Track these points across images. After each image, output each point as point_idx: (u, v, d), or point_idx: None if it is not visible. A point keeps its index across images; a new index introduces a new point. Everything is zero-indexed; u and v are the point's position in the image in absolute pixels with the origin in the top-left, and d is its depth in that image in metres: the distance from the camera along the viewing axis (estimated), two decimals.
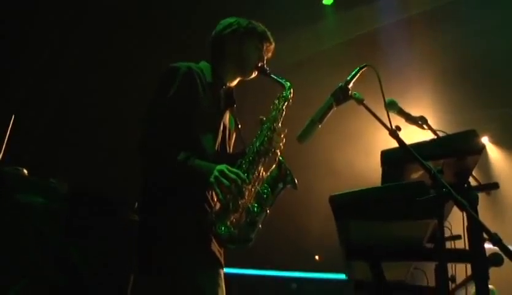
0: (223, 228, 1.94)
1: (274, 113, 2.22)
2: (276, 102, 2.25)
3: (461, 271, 2.08)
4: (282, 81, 2.28)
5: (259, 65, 2.31)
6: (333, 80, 2.03)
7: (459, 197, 1.47)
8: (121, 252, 3.03)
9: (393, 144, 1.75)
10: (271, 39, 2.38)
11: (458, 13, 5.39)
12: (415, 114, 2.40)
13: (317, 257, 6.22)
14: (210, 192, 2.07)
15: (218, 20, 2.43)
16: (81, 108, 5.21)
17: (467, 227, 1.76)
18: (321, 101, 1.97)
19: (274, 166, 2.15)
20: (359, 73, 1.97)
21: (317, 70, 5.81)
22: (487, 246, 1.68)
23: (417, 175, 1.92)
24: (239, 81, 2.40)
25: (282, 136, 2.20)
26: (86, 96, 5.23)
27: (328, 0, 5.84)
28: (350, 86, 1.94)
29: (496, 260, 1.64)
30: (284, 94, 2.26)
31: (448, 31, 5.58)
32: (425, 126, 2.35)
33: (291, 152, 2.33)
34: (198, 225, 1.97)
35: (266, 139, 2.14)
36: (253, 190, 2.05)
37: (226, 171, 1.93)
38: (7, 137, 3.27)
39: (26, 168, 2.97)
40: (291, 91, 2.27)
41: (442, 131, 2.28)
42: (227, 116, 2.32)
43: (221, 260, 2.06)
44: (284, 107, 2.25)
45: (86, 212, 3.08)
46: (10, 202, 2.75)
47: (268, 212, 2.07)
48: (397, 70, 5.39)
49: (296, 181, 2.13)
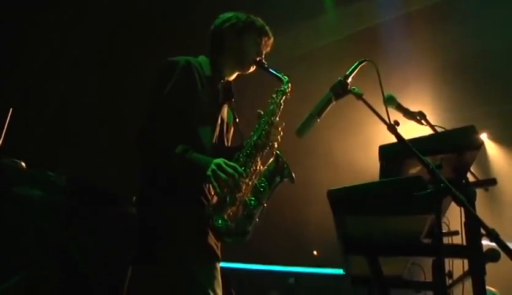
0: (220, 221, 1.95)
1: (271, 107, 2.22)
2: (274, 96, 2.25)
3: (458, 266, 2.09)
4: (280, 75, 2.28)
5: (257, 59, 2.32)
6: (332, 75, 2.03)
7: (457, 192, 1.47)
8: (119, 245, 3.03)
9: (393, 137, 1.75)
10: (270, 34, 2.38)
11: (458, 10, 5.37)
12: (414, 109, 2.40)
13: (315, 253, 6.23)
14: (207, 186, 2.07)
15: (218, 15, 2.43)
16: (81, 107, 5.22)
17: (464, 222, 1.76)
18: (321, 96, 1.97)
19: (271, 160, 2.15)
20: (358, 67, 1.96)
21: (317, 65, 5.80)
22: (485, 242, 1.69)
23: (415, 170, 1.92)
24: (238, 75, 2.40)
25: (279, 130, 2.20)
26: (86, 96, 5.24)
27: None
28: (349, 81, 1.94)
29: (493, 256, 1.64)
30: (282, 88, 2.26)
31: (448, 27, 5.57)
32: (423, 121, 2.34)
33: (290, 145, 2.33)
34: (195, 218, 1.98)
35: (263, 132, 2.15)
36: (250, 183, 2.05)
37: (224, 164, 1.93)
38: (4, 131, 3.26)
39: (24, 161, 2.96)
40: (289, 85, 2.27)
41: (441, 127, 2.28)
42: (225, 110, 2.32)
43: (218, 254, 2.07)
44: (282, 101, 2.25)
45: (84, 204, 3.08)
46: (8, 194, 2.75)
47: (265, 205, 2.07)
48: (396, 66, 5.37)
49: (293, 175, 2.13)
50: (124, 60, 5.30)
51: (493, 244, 1.49)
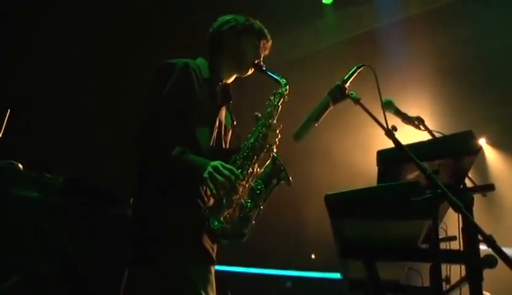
0: (216, 223, 1.94)
1: (269, 109, 2.22)
2: (272, 98, 2.25)
3: (456, 271, 2.08)
4: (278, 78, 2.27)
5: (255, 62, 2.31)
6: (332, 78, 2.03)
7: (454, 198, 1.46)
8: (118, 245, 3.02)
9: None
10: (268, 36, 2.38)
11: (457, 14, 5.38)
12: (412, 114, 2.39)
13: (313, 256, 6.22)
14: (204, 188, 2.07)
15: (218, 17, 2.42)
16: (81, 107, 5.21)
17: (462, 228, 1.76)
18: (321, 98, 1.96)
19: (268, 162, 2.14)
20: (356, 72, 1.96)
21: (317, 67, 5.81)
22: (483, 247, 1.68)
23: (413, 175, 1.92)
24: (236, 78, 2.40)
25: (277, 132, 2.20)
26: (85, 96, 5.23)
27: (327, 0, 5.85)
28: (347, 86, 1.93)
29: (491, 262, 1.64)
30: (280, 90, 2.26)
31: (447, 31, 5.57)
32: (421, 126, 2.34)
33: (288, 146, 2.32)
34: (192, 220, 1.97)
35: (260, 135, 2.14)
36: (247, 186, 2.04)
37: (220, 167, 1.92)
38: (2, 132, 3.25)
39: (24, 161, 2.96)
40: (287, 88, 2.27)
41: (439, 132, 2.28)
42: (223, 112, 2.32)
43: (214, 256, 2.06)
44: (280, 103, 2.24)
45: (83, 205, 3.07)
46: (4, 196, 2.74)
47: (262, 208, 2.06)
48: (395, 69, 5.38)
49: (290, 177, 2.13)
50: (124, 60, 5.29)
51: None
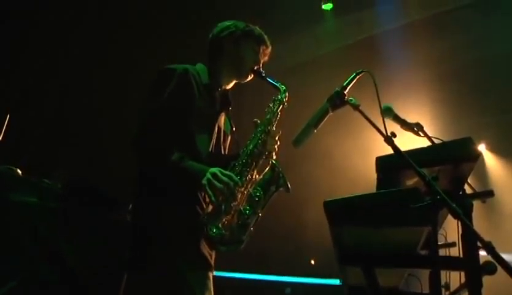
0: (215, 230, 1.94)
1: (268, 116, 2.22)
2: (271, 105, 2.25)
3: (455, 278, 2.08)
4: (278, 84, 2.28)
5: (255, 68, 2.31)
6: (332, 83, 2.02)
7: (453, 205, 1.46)
8: (116, 248, 3.01)
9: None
10: (268, 42, 2.38)
11: (457, 20, 5.39)
12: (411, 120, 2.39)
13: (313, 262, 6.20)
14: (202, 194, 2.06)
15: (218, 22, 2.43)
16: (81, 107, 5.20)
17: (461, 234, 1.75)
18: (321, 103, 1.96)
19: (267, 169, 2.14)
20: (356, 78, 1.96)
21: (317, 73, 5.82)
22: (483, 254, 1.68)
23: (412, 182, 1.92)
24: (235, 84, 2.40)
25: (276, 139, 2.20)
26: (85, 96, 5.23)
27: (327, 6, 5.88)
28: (346, 92, 1.93)
29: (490, 269, 1.63)
30: (279, 97, 2.26)
31: (446, 37, 5.59)
32: (420, 132, 2.34)
33: (287, 150, 2.31)
34: (190, 227, 1.96)
35: (259, 141, 2.14)
36: (245, 192, 2.04)
37: (219, 173, 1.92)
38: (1, 136, 3.25)
39: (20, 169, 2.95)
40: (286, 94, 2.27)
41: (438, 138, 2.27)
42: (222, 118, 2.32)
43: (212, 263, 2.06)
44: (279, 110, 2.25)
45: (81, 208, 3.07)
46: (3, 201, 2.73)
47: (260, 215, 2.06)
48: (395, 75, 5.39)
49: (288, 184, 2.12)
50: (124, 60, 5.29)
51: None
